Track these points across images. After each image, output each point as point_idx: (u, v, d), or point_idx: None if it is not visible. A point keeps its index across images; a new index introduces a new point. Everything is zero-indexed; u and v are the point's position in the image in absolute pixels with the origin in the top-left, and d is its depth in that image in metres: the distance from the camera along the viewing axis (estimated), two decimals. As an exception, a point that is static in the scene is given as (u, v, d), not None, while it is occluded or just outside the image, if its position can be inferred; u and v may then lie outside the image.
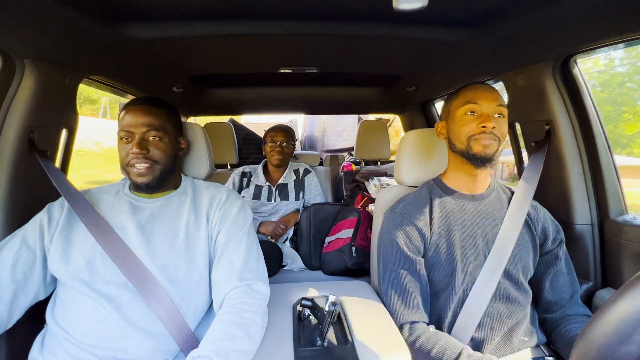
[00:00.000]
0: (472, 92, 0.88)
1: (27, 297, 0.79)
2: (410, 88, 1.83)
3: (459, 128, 0.89)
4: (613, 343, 0.40)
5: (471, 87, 0.90)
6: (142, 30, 0.96)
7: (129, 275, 0.77)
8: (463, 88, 0.92)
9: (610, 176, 1.12)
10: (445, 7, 0.88)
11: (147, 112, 0.86)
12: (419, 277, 0.89)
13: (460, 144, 0.89)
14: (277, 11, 0.91)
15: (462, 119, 0.89)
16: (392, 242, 0.91)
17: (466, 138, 0.87)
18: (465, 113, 0.88)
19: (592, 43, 0.97)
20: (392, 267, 0.90)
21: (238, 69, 1.43)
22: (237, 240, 0.87)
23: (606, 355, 0.40)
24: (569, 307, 0.91)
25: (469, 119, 0.87)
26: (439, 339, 0.80)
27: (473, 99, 0.87)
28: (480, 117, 0.86)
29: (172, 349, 0.80)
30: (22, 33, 0.83)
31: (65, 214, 0.84)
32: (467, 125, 0.87)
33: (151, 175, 0.86)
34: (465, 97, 0.89)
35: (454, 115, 0.91)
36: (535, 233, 0.93)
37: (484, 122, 0.85)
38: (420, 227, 0.90)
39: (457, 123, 0.90)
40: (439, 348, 0.78)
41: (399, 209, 0.95)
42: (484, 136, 0.85)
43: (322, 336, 0.75)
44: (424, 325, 0.85)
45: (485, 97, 0.87)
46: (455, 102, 0.92)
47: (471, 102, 0.87)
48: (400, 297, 0.88)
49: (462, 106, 0.89)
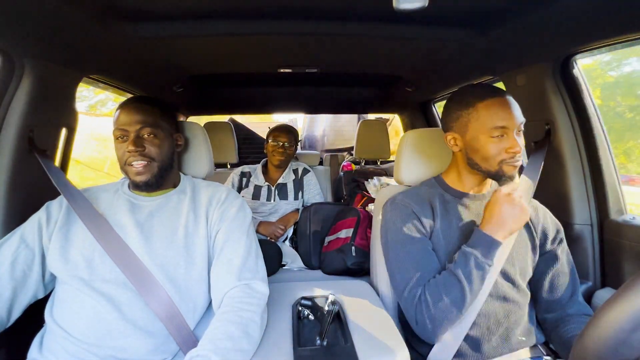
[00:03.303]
0: (499, 113, 0.80)
1: (26, 296, 0.79)
2: (410, 88, 1.83)
3: (488, 152, 0.82)
4: (611, 345, 0.40)
5: (493, 103, 0.81)
6: (142, 30, 0.96)
7: (128, 273, 0.77)
8: (481, 102, 0.82)
9: (609, 176, 1.12)
10: (445, 7, 0.88)
11: (140, 109, 0.87)
12: (432, 257, 0.86)
13: (489, 166, 0.84)
14: (277, 11, 0.91)
15: (489, 142, 0.82)
16: (399, 231, 0.89)
17: (497, 162, 0.82)
18: (492, 136, 0.81)
19: (592, 43, 0.97)
20: (405, 254, 0.86)
21: (238, 69, 1.43)
22: (236, 240, 0.87)
23: (605, 357, 0.40)
24: (568, 306, 0.91)
25: (496, 141, 0.82)
26: (436, 278, 0.81)
27: (501, 122, 0.80)
28: (507, 139, 0.81)
29: (171, 348, 0.80)
30: (22, 32, 0.83)
31: (64, 213, 0.84)
32: (495, 147, 0.81)
33: (149, 173, 0.86)
34: (492, 119, 0.81)
35: (477, 137, 0.83)
36: (535, 234, 0.93)
37: (513, 147, 0.80)
38: (421, 218, 0.89)
39: (484, 146, 0.82)
40: (443, 274, 0.81)
41: (399, 199, 0.93)
42: (513, 161, 0.82)
43: (322, 335, 0.76)
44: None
45: (511, 117, 0.81)
46: (476, 121, 0.83)
47: (499, 127, 0.80)
48: (418, 280, 0.83)
49: (489, 129, 0.81)
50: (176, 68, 1.37)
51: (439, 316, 0.79)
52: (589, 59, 1.19)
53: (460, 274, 0.78)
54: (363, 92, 2.12)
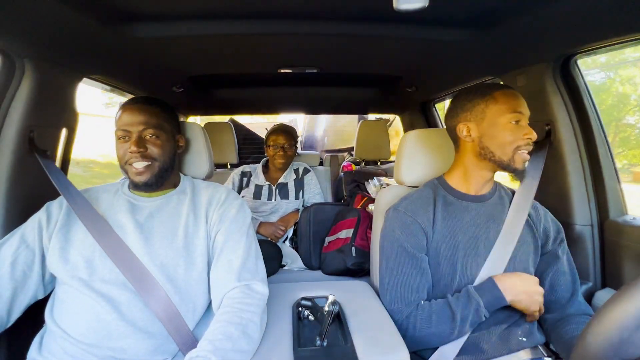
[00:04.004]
0: (515, 100, 0.85)
1: (27, 296, 0.79)
2: (410, 88, 1.83)
3: (505, 137, 0.84)
4: (613, 343, 0.40)
5: (509, 92, 0.87)
6: (142, 30, 0.96)
7: (128, 274, 0.77)
8: (498, 90, 0.87)
9: (610, 177, 1.11)
10: (445, 8, 0.88)
11: (144, 110, 0.87)
12: (424, 275, 0.88)
13: (503, 154, 0.85)
14: (277, 11, 0.91)
15: (507, 127, 0.84)
16: (396, 241, 0.90)
17: (512, 149, 0.84)
18: (511, 121, 0.84)
19: (592, 44, 0.97)
20: (397, 265, 0.89)
21: (238, 69, 1.43)
22: (236, 240, 0.87)
23: (606, 356, 0.40)
24: (569, 306, 0.91)
25: (514, 127, 0.84)
26: (432, 305, 0.84)
27: (517, 107, 0.84)
28: (523, 127, 0.84)
29: (170, 349, 0.80)
30: (22, 32, 0.83)
31: (64, 213, 0.84)
32: (513, 134, 0.84)
33: (150, 173, 0.86)
34: (511, 105, 0.84)
35: (496, 122, 0.85)
36: (537, 235, 0.93)
37: (529, 133, 0.84)
38: (423, 225, 0.90)
39: (502, 131, 0.84)
40: (436, 304, 0.84)
41: (402, 207, 0.94)
42: (528, 147, 0.85)
43: (322, 336, 0.75)
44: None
45: (524, 106, 0.86)
46: (494, 107, 0.85)
47: (517, 111, 0.84)
48: (404, 296, 0.87)
49: (508, 113, 0.84)
50: (176, 68, 1.37)
51: (419, 340, 0.84)
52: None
53: (458, 314, 0.81)
54: (363, 92, 2.12)
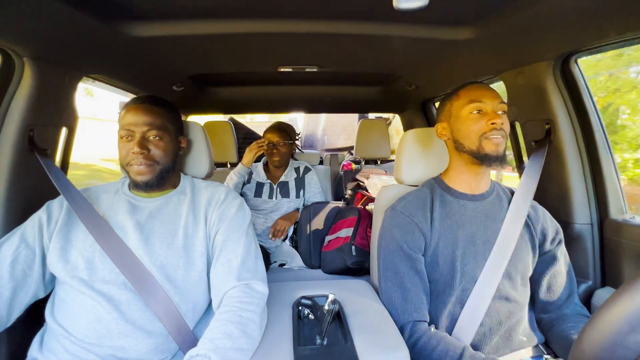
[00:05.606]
0: (474, 91, 0.88)
1: (27, 295, 0.79)
2: (410, 87, 1.82)
3: (468, 127, 0.87)
4: (608, 347, 0.40)
5: (471, 86, 0.90)
6: (142, 29, 0.95)
7: (128, 274, 0.77)
8: (461, 88, 0.91)
9: (610, 175, 1.11)
10: (445, 6, 0.88)
11: (149, 111, 0.86)
12: (420, 276, 0.88)
13: (470, 143, 0.87)
14: (277, 10, 0.91)
15: (469, 118, 0.87)
16: (393, 240, 0.91)
17: (477, 137, 0.86)
18: (472, 112, 0.87)
19: (592, 42, 0.96)
20: (393, 265, 0.90)
21: (238, 68, 1.42)
22: (236, 240, 0.87)
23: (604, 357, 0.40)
24: (565, 306, 0.91)
25: (476, 117, 0.87)
26: (439, 340, 0.80)
27: (477, 97, 0.87)
28: (486, 114, 0.86)
29: (170, 348, 0.80)
30: (22, 31, 0.83)
31: (65, 213, 0.84)
32: (475, 123, 0.86)
33: (151, 174, 0.86)
34: (469, 96, 0.88)
35: (459, 115, 0.89)
36: (535, 234, 0.93)
37: (493, 119, 0.84)
38: (421, 225, 0.90)
39: (465, 122, 0.88)
40: (440, 349, 0.78)
41: (400, 207, 0.94)
42: (495, 133, 0.84)
43: (322, 335, 0.76)
44: (424, 325, 0.85)
45: (488, 95, 0.87)
46: (457, 102, 0.91)
47: (476, 101, 0.87)
48: (401, 297, 0.88)
49: (467, 105, 0.88)
50: (176, 67, 1.37)
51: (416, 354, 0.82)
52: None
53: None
54: (363, 91, 2.11)
